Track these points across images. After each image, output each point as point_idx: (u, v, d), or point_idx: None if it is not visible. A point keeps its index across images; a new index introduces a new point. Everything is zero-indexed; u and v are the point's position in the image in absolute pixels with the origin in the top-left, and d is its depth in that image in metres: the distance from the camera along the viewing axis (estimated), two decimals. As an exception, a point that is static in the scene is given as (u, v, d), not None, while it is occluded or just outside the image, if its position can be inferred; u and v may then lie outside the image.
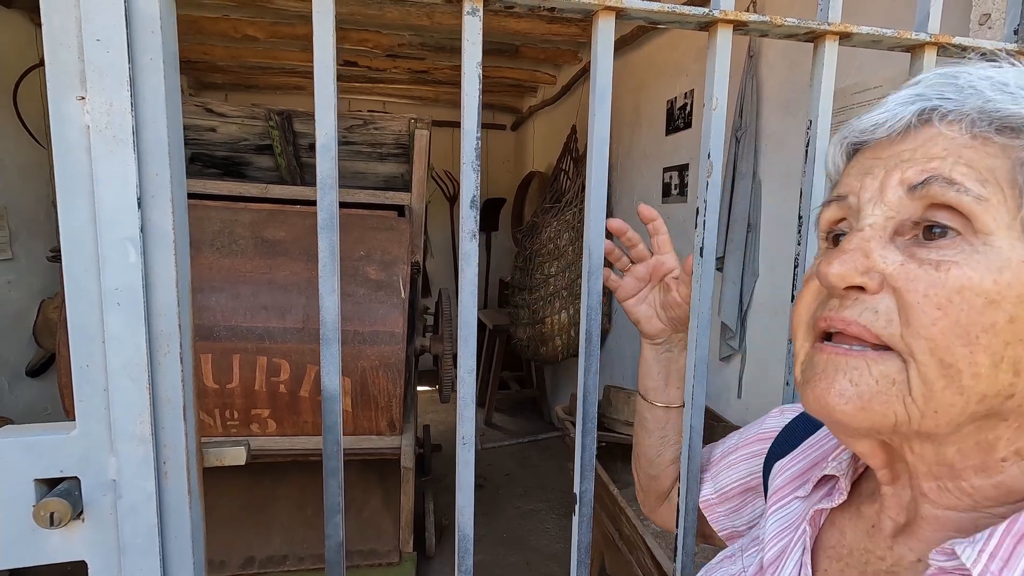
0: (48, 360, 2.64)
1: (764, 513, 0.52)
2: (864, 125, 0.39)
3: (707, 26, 0.62)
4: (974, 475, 0.36)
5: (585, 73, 3.53)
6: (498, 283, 5.36)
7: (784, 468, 0.53)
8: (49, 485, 0.52)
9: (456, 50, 3.61)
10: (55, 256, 2.36)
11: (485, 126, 5.47)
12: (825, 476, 0.47)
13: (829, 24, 0.63)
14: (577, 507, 0.66)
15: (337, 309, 0.57)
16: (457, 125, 5.40)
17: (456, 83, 4.32)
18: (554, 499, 3.12)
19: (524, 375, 4.61)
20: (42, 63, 2.59)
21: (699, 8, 0.60)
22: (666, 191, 2.58)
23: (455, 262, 5.44)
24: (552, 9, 0.58)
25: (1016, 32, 0.70)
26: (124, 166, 0.49)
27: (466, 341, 0.59)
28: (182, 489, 0.54)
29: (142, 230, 0.50)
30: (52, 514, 0.49)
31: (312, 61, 0.54)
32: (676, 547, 0.70)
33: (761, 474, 0.61)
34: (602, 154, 0.60)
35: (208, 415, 1.68)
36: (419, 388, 2.93)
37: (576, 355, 3.34)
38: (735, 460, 0.65)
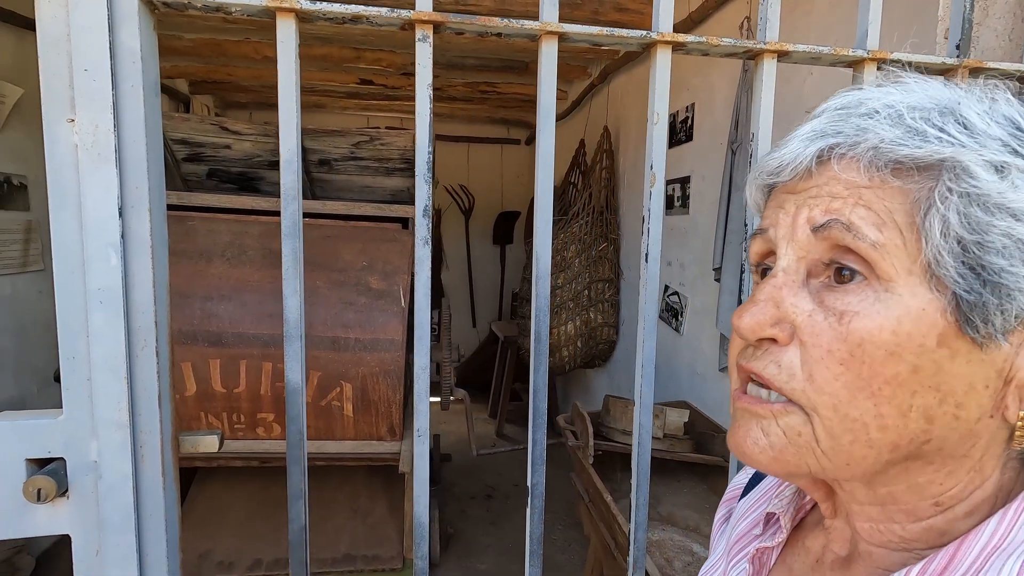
0: (74, 366, 2.76)
1: (725, 558, 0.50)
2: (770, 167, 0.38)
3: (647, 47, 0.66)
4: (906, 519, 0.36)
5: (594, 88, 3.59)
6: (511, 295, 5.41)
7: (746, 513, 0.51)
8: (39, 465, 0.58)
9: (468, 67, 3.71)
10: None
11: (500, 141, 5.56)
12: (769, 513, 0.47)
13: (766, 43, 0.67)
14: (529, 499, 0.69)
15: (300, 309, 0.62)
16: (471, 140, 5.50)
17: (469, 99, 4.42)
18: (560, 509, 3.12)
19: (536, 387, 4.62)
20: (75, 86, 2.75)
21: (638, 31, 0.64)
22: (669, 203, 2.60)
23: (469, 273, 5.51)
24: (499, 35, 0.63)
25: (958, 47, 0.73)
26: (107, 180, 0.55)
27: (420, 339, 0.64)
28: (156, 472, 0.60)
29: (123, 236, 0.56)
30: (39, 490, 0.55)
31: (330, 81, 0.60)
32: (629, 541, 0.73)
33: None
34: (547, 167, 0.65)
35: (216, 418, 1.75)
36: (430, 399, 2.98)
37: (584, 366, 3.36)
38: (714, 537, 0.59)
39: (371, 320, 1.75)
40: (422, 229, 0.63)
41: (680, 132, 2.52)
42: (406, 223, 2.17)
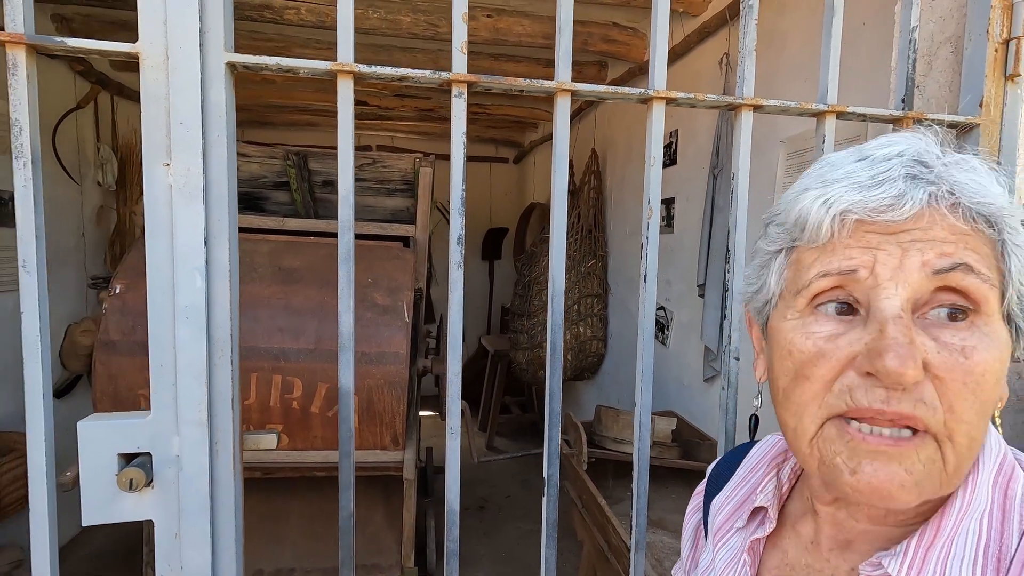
0: (72, 381, 2.79)
1: (711, 548, 0.55)
2: (875, 204, 0.38)
3: (645, 101, 0.78)
4: None
5: (582, 111, 3.75)
6: (500, 310, 5.51)
7: (722, 506, 0.56)
8: (127, 459, 0.67)
9: (460, 90, 3.85)
10: (95, 284, 2.55)
11: (489, 159, 5.70)
12: (756, 507, 0.52)
13: (743, 99, 0.80)
14: (546, 488, 0.79)
15: (352, 323, 0.72)
16: (461, 159, 5.62)
17: (460, 120, 4.55)
18: (552, 519, 3.21)
19: (526, 400, 4.72)
20: (79, 107, 2.82)
21: (638, 89, 0.76)
22: (655, 222, 2.74)
23: (459, 290, 5.60)
24: (521, 92, 0.74)
25: (904, 101, 0.87)
26: (195, 215, 0.65)
27: (453, 348, 0.74)
28: (229, 465, 0.69)
29: (207, 262, 0.66)
30: (131, 480, 0.64)
31: (325, 101, 0.71)
32: (631, 527, 0.83)
33: (703, 519, 0.62)
34: (561, 204, 0.76)
35: (226, 429, 1.82)
36: (422, 413, 3.06)
37: (574, 378, 3.47)
38: (686, 525, 0.66)
39: (377, 334, 1.84)
40: (456, 255, 0.73)
41: (664, 156, 2.67)
42: (407, 241, 2.28)
